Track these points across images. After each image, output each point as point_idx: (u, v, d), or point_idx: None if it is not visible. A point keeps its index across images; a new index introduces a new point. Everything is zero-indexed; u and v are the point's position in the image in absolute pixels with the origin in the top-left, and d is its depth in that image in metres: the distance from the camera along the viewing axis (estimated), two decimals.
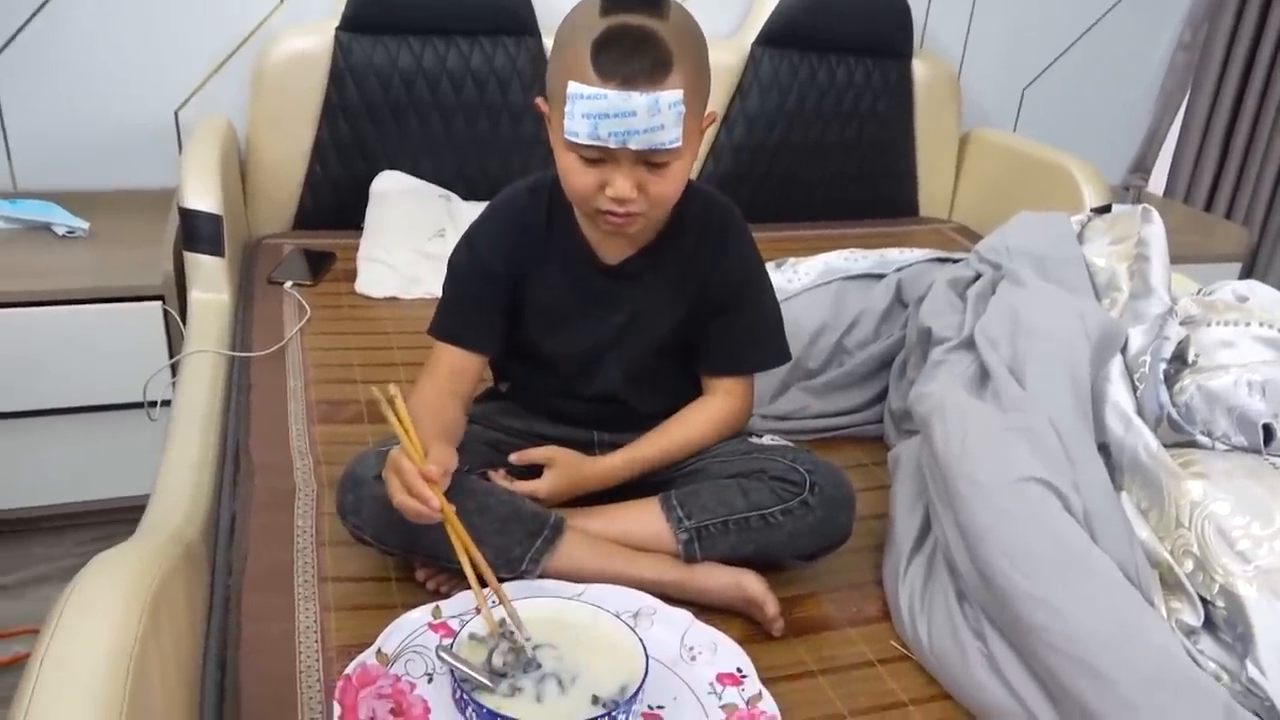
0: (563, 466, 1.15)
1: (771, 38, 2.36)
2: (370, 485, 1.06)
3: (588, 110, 0.99)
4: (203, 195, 1.75)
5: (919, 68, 2.51)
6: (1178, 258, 2.57)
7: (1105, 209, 2.29)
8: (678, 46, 1.00)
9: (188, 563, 1.02)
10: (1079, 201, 2.29)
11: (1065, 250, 1.45)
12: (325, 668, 1.00)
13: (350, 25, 2.06)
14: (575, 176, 1.06)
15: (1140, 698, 0.88)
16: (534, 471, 1.17)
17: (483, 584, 0.99)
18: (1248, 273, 2.74)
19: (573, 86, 0.99)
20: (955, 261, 1.63)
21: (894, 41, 2.46)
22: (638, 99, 0.98)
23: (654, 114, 0.98)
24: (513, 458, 1.16)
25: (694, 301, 1.19)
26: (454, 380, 1.16)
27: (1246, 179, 2.84)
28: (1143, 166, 2.94)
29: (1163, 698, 0.88)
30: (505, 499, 1.09)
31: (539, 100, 1.10)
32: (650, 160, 1.03)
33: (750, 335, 1.23)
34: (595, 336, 1.19)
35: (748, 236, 1.23)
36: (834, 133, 2.47)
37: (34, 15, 1.97)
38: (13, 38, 1.98)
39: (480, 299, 1.19)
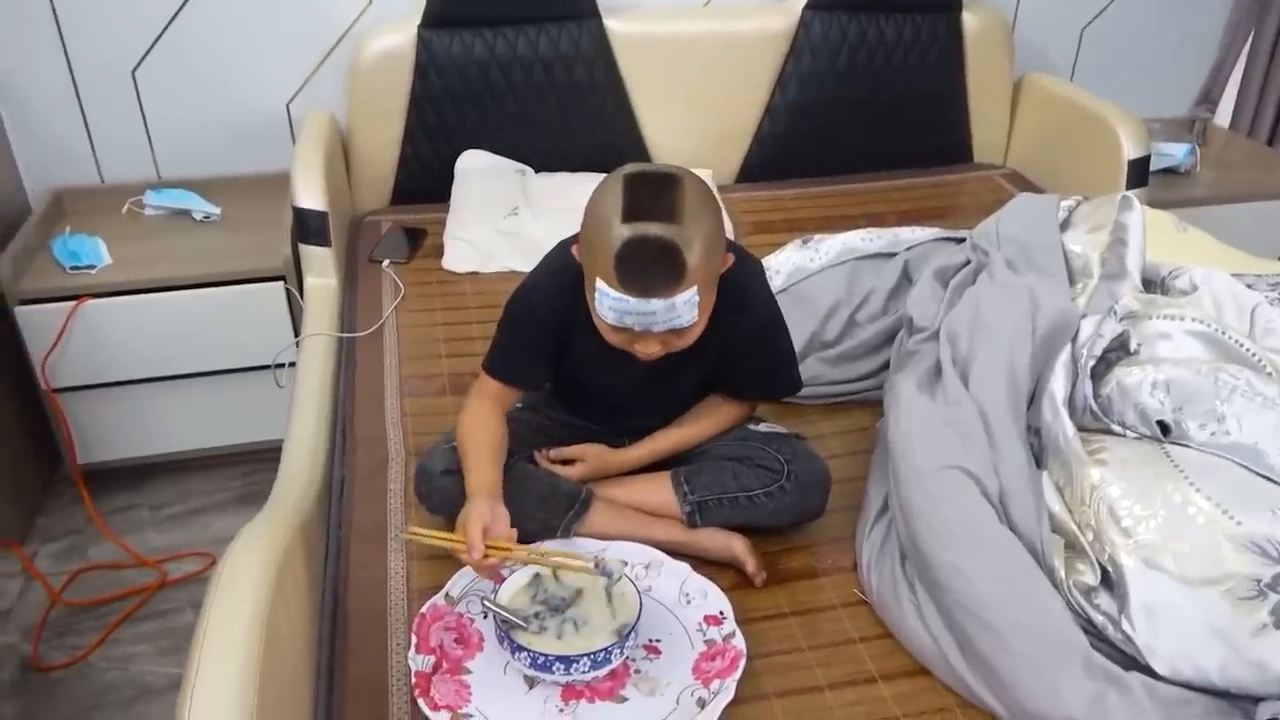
0: (592, 460, 1.42)
1: (821, 1, 2.50)
2: (438, 479, 1.36)
3: (612, 305, 1.15)
4: (311, 195, 2.07)
5: (969, 19, 2.60)
6: (1236, 196, 2.66)
7: (1144, 163, 2.39)
8: (692, 248, 1.13)
9: (306, 528, 1.36)
10: (1119, 152, 2.38)
11: (1046, 237, 1.62)
12: (408, 605, 1.33)
13: (430, 22, 2.31)
14: (607, 334, 1.23)
15: (1018, 645, 1.13)
16: None
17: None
18: None
19: (600, 284, 1.15)
20: (960, 241, 1.81)
21: None
22: (656, 303, 1.14)
23: (670, 310, 1.15)
24: (551, 454, 1.43)
25: (715, 355, 1.35)
26: (498, 403, 1.39)
27: None
28: (1209, 99, 2.97)
29: (1036, 645, 1.13)
30: (545, 480, 1.38)
31: (573, 248, 1.26)
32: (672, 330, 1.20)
33: (763, 373, 1.43)
34: (628, 385, 1.39)
35: (763, 287, 1.38)
36: (885, 87, 2.59)
37: (165, 29, 2.29)
38: (149, 50, 2.30)
39: (528, 347, 1.37)
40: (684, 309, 1.16)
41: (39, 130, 2.31)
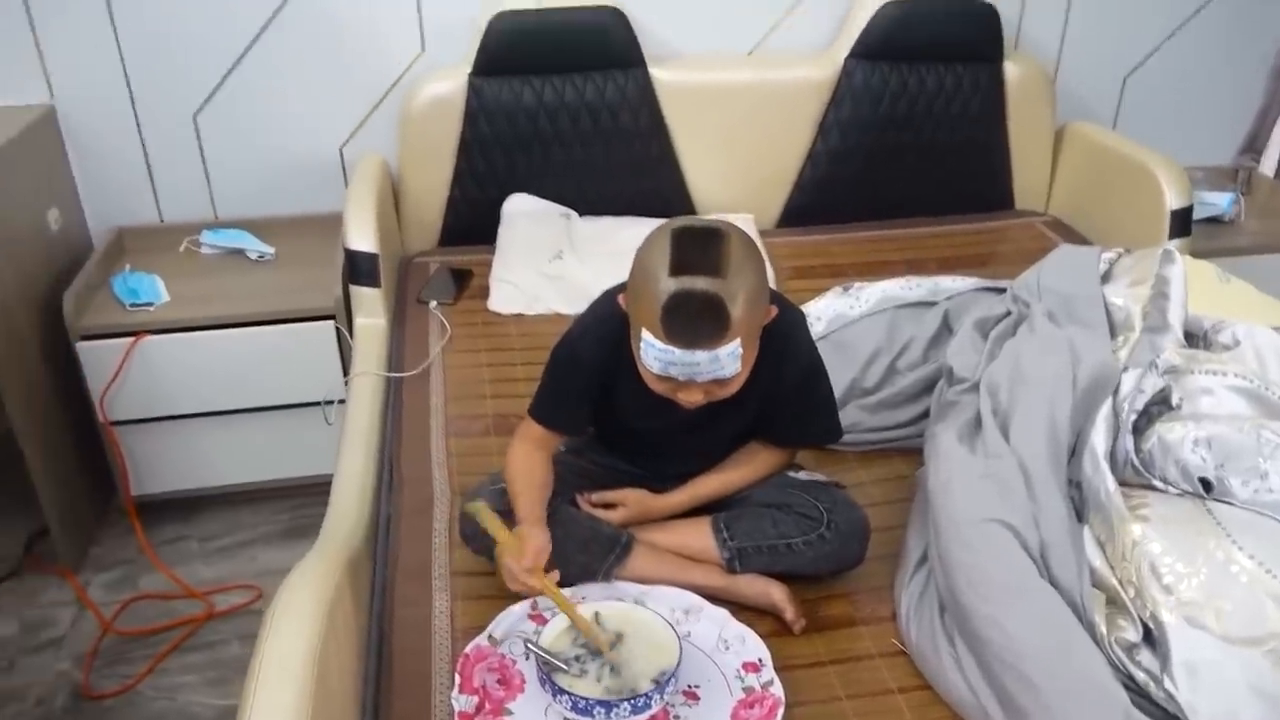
0: (633, 504, 1.45)
1: (864, 52, 2.53)
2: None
3: (658, 356, 1.18)
4: (362, 237, 2.12)
5: (1011, 68, 2.62)
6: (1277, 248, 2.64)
7: (1186, 213, 2.39)
8: (736, 301, 1.16)
9: (355, 564, 1.39)
10: (1161, 201, 2.38)
11: (1087, 290, 1.64)
12: (452, 645, 1.35)
13: (481, 70, 2.38)
14: (651, 383, 1.26)
15: (1057, 700, 1.13)
16: None
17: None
18: None
19: (645, 334, 1.18)
20: (1000, 291, 1.82)
21: (984, 46, 2.58)
22: (700, 354, 1.17)
23: (714, 362, 1.18)
24: (593, 498, 1.46)
25: (757, 403, 1.38)
26: (542, 447, 1.42)
27: None
28: (1253, 147, 2.96)
29: (1075, 701, 1.13)
30: (588, 524, 1.41)
31: (620, 297, 1.30)
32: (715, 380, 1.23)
33: (804, 420, 1.45)
34: (670, 431, 1.41)
35: (805, 335, 1.40)
36: (926, 135, 2.62)
37: (226, 76, 2.37)
38: (210, 95, 2.39)
39: (573, 393, 1.40)
40: (727, 360, 1.19)
41: (103, 171, 2.40)
